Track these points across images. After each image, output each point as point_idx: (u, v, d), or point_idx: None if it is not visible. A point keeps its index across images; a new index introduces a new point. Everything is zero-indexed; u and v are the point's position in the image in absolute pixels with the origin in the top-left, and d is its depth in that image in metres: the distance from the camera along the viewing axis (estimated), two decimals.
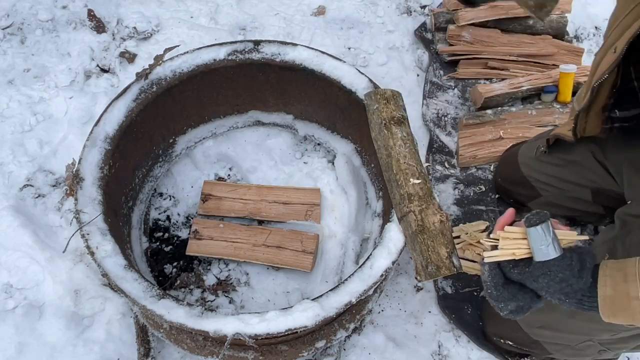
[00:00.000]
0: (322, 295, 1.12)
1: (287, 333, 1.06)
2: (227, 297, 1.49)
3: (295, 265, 1.49)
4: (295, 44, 1.48)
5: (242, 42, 1.50)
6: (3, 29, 1.91)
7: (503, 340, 1.37)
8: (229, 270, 1.53)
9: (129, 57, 1.89)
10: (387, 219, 1.25)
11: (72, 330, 1.36)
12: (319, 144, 1.73)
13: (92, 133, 1.32)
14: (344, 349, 1.42)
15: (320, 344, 1.28)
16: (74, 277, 1.43)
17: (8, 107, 1.73)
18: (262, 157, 1.72)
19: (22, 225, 1.47)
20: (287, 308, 1.10)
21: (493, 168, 1.74)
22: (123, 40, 1.93)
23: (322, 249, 1.56)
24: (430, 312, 1.50)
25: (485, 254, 0.87)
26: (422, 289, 1.53)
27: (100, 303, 1.41)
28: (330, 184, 1.65)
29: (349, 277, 1.14)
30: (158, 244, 1.57)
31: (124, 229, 1.44)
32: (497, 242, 0.87)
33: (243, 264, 1.54)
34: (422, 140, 1.81)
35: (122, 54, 1.89)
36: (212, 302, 1.48)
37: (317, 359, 1.40)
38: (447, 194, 1.69)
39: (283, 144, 1.75)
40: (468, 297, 1.51)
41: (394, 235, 1.16)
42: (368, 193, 1.62)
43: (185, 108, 1.57)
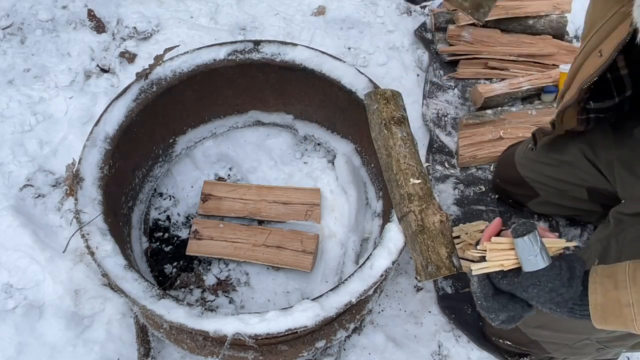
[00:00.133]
0: (322, 295, 1.12)
1: (287, 333, 1.06)
2: (227, 297, 1.49)
3: (295, 265, 1.49)
4: (295, 44, 1.48)
5: (242, 42, 1.50)
6: (3, 29, 1.91)
7: (502, 340, 1.37)
8: (229, 270, 1.53)
9: (129, 57, 1.89)
10: (387, 219, 1.25)
11: (72, 330, 1.36)
12: (319, 144, 1.73)
13: (92, 133, 1.32)
14: (344, 349, 1.42)
15: (320, 344, 1.28)
16: (74, 277, 1.43)
17: (8, 107, 1.73)
18: (262, 157, 1.72)
19: (22, 225, 1.47)
20: (287, 308, 1.10)
21: (493, 168, 1.74)
22: (123, 40, 1.93)
23: (322, 249, 1.56)
24: (430, 312, 1.50)
25: (473, 266, 0.87)
26: (422, 289, 1.53)
27: (100, 303, 1.41)
28: (330, 184, 1.65)
29: (349, 277, 1.14)
30: (158, 244, 1.57)
31: (124, 229, 1.44)
32: (484, 253, 0.87)
33: (243, 264, 1.54)
34: (422, 140, 1.81)
35: (122, 54, 1.89)
36: (212, 302, 1.48)
37: (317, 359, 1.40)
38: (447, 194, 1.69)
39: (283, 144, 1.75)
40: (468, 297, 1.51)
41: (394, 235, 1.16)
42: (368, 193, 1.62)
43: (185, 108, 1.57)
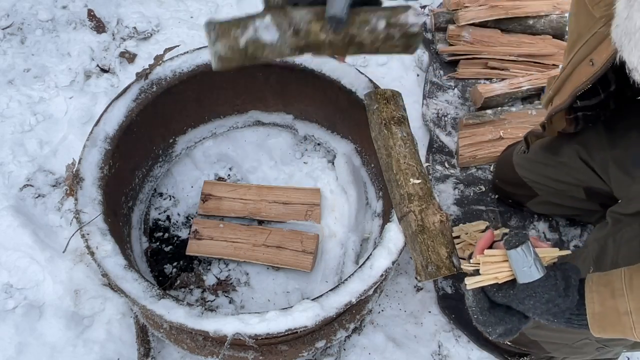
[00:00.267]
0: (322, 295, 1.12)
1: (287, 333, 1.06)
2: (227, 297, 1.49)
3: (295, 265, 1.49)
4: None
5: None
6: (3, 29, 1.91)
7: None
8: (229, 270, 1.53)
9: (129, 57, 1.89)
10: (387, 219, 1.25)
11: (72, 330, 1.36)
12: (319, 144, 1.73)
13: (92, 133, 1.32)
14: (344, 349, 1.42)
15: (320, 344, 1.28)
16: (74, 277, 1.43)
17: (8, 107, 1.73)
18: (262, 157, 1.72)
19: (22, 225, 1.47)
20: (287, 308, 1.10)
21: (493, 168, 1.75)
22: (123, 40, 1.93)
23: (322, 249, 1.56)
24: (430, 312, 1.50)
25: (467, 280, 0.86)
26: (422, 289, 1.53)
27: (100, 303, 1.41)
28: (330, 184, 1.65)
29: (349, 277, 1.14)
30: (158, 244, 1.57)
31: (124, 229, 1.44)
32: (478, 266, 0.86)
33: (243, 264, 1.54)
34: (422, 140, 1.81)
35: (122, 54, 1.89)
36: (212, 302, 1.48)
37: (317, 359, 1.40)
38: (447, 194, 1.69)
39: (283, 144, 1.75)
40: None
41: (394, 235, 1.16)
42: (368, 193, 1.62)
43: (185, 108, 1.57)
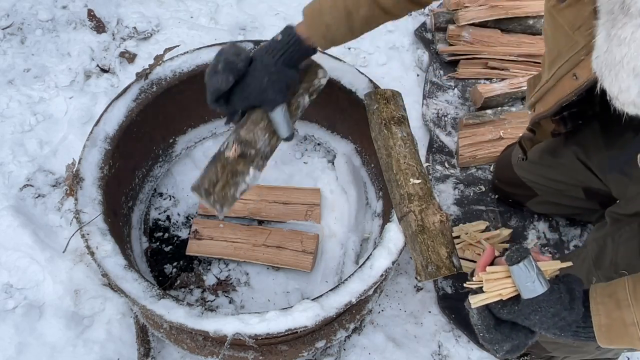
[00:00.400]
0: (322, 295, 1.12)
1: (287, 333, 1.06)
2: (227, 297, 1.49)
3: (295, 265, 1.49)
4: None
5: (242, 42, 1.50)
6: (3, 29, 1.91)
7: None
8: (229, 270, 1.53)
9: (129, 57, 1.89)
10: (387, 219, 1.25)
11: (72, 330, 1.36)
12: (319, 144, 1.73)
13: (92, 133, 1.32)
14: (344, 349, 1.42)
15: (320, 344, 1.28)
16: (74, 277, 1.43)
17: (8, 107, 1.73)
18: None
19: (22, 225, 1.47)
20: (287, 308, 1.10)
21: (492, 168, 1.75)
22: (123, 40, 1.93)
23: (322, 249, 1.56)
24: (430, 312, 1.50)
25: (472, 299, 0.85)
26: (422, 289, 1.53)
27: (100, 303, 1.41)
28: (330, 184, 1.65)
29: (349, 277, 1.14)
30: (158, 244, 1.57)
31: (124, 229, 1.44)
32: (481, 284, 0.85)
33: (243, 264, 1.54)
34: (422, 140, 1.81)
35: (122, 54, 1.89)
36: (212, 302, 1.48)
37: (317, 359, 1.40)
38: (447, 194, 1.69)
39: (283, 144, 1.74)
40: (468, 297, 1.51)
41: (394, 235, 1.16)
42: (368, 193, 1.62)
43: (185, 108, 1.57)
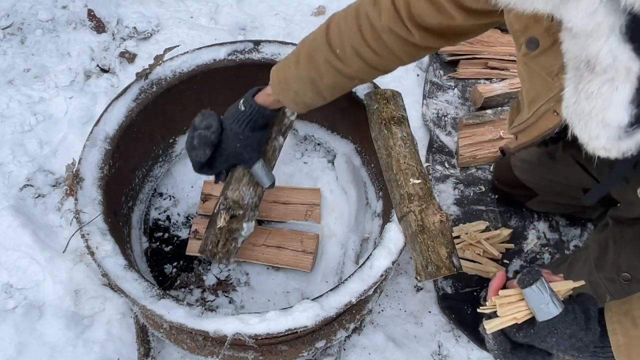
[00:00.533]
0: (322, 295, 1.12)
1: (287, 333, 1.06)
2: (227, 297, 1.49)
3: (295, 265, 1.49)
4: (295, 44, 1.48)
5: (242, 42, 1.50)
6: (3, 29, 1.91)
7: None
8: (229, 271, 1.53)
9: (129, 57, 1.90)
10: (387, 219, 1.25)
11: (72, 330, 1.36)
12: (319, 144, 1.73)
13: (92, 133, 1.32)
14: (344, 349, 1.42)
15: (320, 344, 1.28)
16: (74, 277, 1.43)
17: (8, 107, 1.73)
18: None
19: (22, 225, 1.47)
20: (287, 308, 1.10)
21: (492, 169, 1.75)
22: (123, 40, 1.94)
23: (322, 249, 1.55)
24: (430, 312, 1.50)
25: (487, 324, 0.84)
26: (422, 289, 1.53)
27: (100, 303, 1.41)
28: (330, 184, 1.65)
29: (349, 277, 1.14)
30: (158, 244, 1.57)
31: (124, 229, 1.44)
32: (495, 308, 0.84)
33: (243, 264, 1.54)
34: (422, 140, 1.81)
35: (122, 54, 1.89)
36: (212, 302, 1.48)
37: (317, 359, 1.40)
38: (447, 194, 1.69)
39: (283, 144, 1.75)
40: (468, 297, 1.51)
41: (394, 235, 1.16)
42: (368, 193, 1.62)
43: (185, 108, 1.57)
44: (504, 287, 0.86)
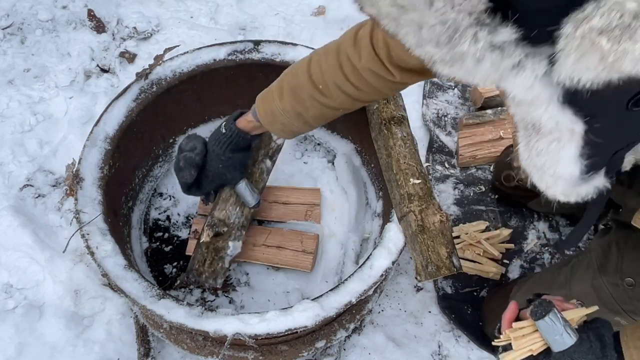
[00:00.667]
0: (322, 295, 1.12)
1: (287, 333, 1.06)
2: (227, 297, 1.49)
3: (295, 265, 1.49)
4: (295, 44, 1.48)
5: (242, 42, 1.50)
6: (3, 29, 1.91)
7: None
8: (229, 270, 1.53)
9: (129, 57, 1.90)
10: (387, 219, 1.25)
11: (72, 330, 1.36)
12: (319, 144, 1.73)
13: (92, 133, 1.32)
14: (344, 349, 1.42)
15: (320, 344, 1.28)
16: (74, 277, 1.43)
17: (8, 107, 1.73)
18: None
19: (22, 225, 1.47)
20: (287, 308, 1.10)
21: (492, 169, 1.75)
22: (123, 40, 1.94)
23: (322, 249, 1.55)
24: (430, 312, 1.50)
25: (502, 357, 0.84)
26: (422, 289, 1.53)
27: (100, 303, 1.41)
28: (330, 184, 1.65)
29: (349, 277, 1.14)
30: (158, 244, 1.57)
31: (124, 229, 1.44)
32: (509, 341, 0.84)
33: (243, 264, 1.54)
34: (422, 140, 1.81)
35: (122, 54, 1.89)
36: (212, 302, 1.48)
37: (317, 359, 1.40)
38: (447, 194, 1.69)
39: (285, 145, 1.75)
40: (468, 297, 1.51)
41: (394, 235, 1.16)
42: (368, 193, 1.62)
43: (185, 108, 1.57)
44: (517, 317, 0.87)
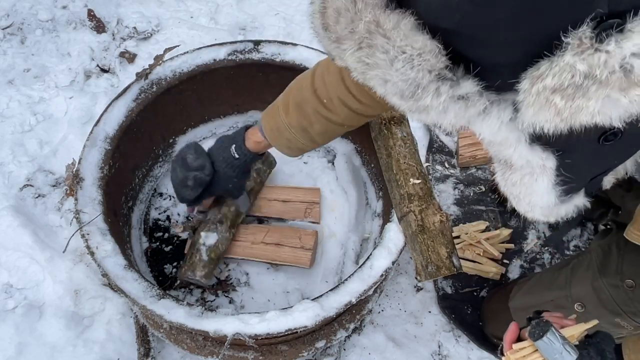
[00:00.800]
0: (322, 295, 1.12)
1: (287, 333, 1.06)
2: (227, 297, 1.49)
3: (294, 262, 1.49)
4: (295, 44, 1.48)
5: (242, 42, 1.50)
6: (3, 29, 1.91)
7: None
8: (229, 270, 1.53)
9: (129, 57, 1.90)
10: (387, 219, 1.25)
11: (72, 330, 1.36)
12: None
13: (92, 133, 1.32)
14: (344, 349, 1.42)
15: (320, 344, 1.28)
16: (74, 277, 1.43)
17: (8, 107, 1.73)
18: None
19: (22, 225, 1.47)
20: (287, 308, 1.10)
21: (492, 169, 1.75)
22: (123, 40, 1.93)
23: (322, 249, 1.55)
24: (430, 312, 1.50)
25: None
26: (422, 289, 1.53)
27: (100, 303, 1.41)
28: (330, 184, 1.65)
29: (349, 277, 1.14)
30: (158, 244, 1.57)
31: (124, 229, 1.44)
32: None
33: (243, 264, 1.54)
34: (422, 140, 1.79)
35: (122, 54, 1.89)
36: (212, 302, 1.48)
37: (317, 359, 1.40)
38: (447, 194, 1.69)
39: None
40: (468, 297, 1.51)
41: (394, 235, 1.16)
42: (368, 193, 1.62)
43: (185, 108, 1.57)
44: (518, 337, 0.87)
